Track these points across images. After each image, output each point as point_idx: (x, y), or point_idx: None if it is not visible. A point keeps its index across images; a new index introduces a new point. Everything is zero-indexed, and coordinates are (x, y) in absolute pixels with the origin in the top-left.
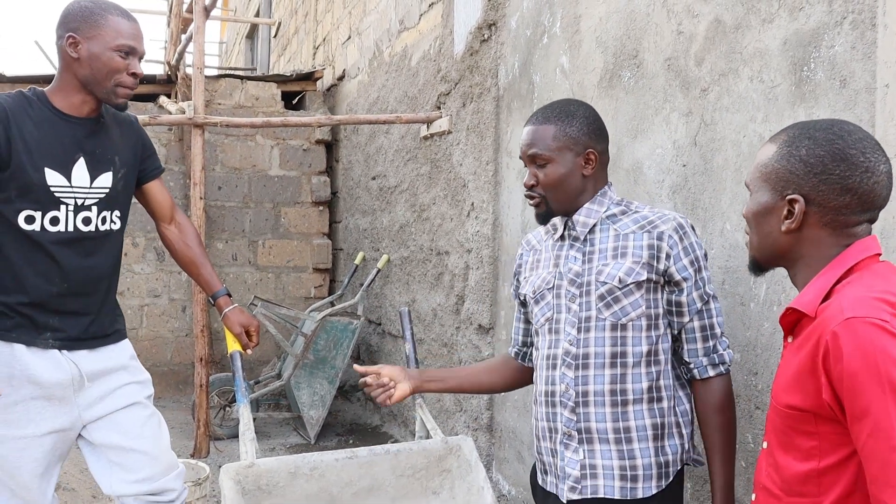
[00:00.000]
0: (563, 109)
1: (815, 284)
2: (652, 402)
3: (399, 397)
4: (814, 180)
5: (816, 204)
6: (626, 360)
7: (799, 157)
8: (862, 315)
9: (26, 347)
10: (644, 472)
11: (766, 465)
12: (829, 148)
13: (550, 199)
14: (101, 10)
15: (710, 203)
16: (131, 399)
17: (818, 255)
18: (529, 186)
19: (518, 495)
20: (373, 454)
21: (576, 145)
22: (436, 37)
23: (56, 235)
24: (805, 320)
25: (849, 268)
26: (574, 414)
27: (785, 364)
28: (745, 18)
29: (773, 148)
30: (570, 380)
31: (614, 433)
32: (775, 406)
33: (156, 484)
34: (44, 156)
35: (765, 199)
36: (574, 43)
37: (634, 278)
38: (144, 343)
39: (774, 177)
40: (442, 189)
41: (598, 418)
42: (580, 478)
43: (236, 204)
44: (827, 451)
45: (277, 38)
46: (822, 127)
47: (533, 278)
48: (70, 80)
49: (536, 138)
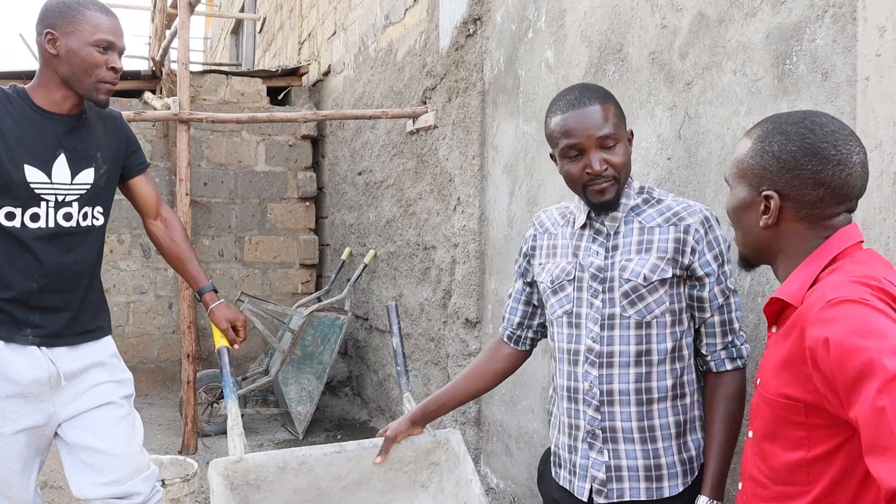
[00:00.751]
0: (602, 90)
1: (799, 274)
2: (676, 398)
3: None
4: (787, 176)
5: (791, 199)
6: (651, 359)
7: (771, 152)
8: (842, 296)
9: (5, 343)
10: (668, 471)
11: (753, 455)
12: (801, 143)
13: (622, 181)
14: (79, 6)
15: (695, 196)
16: (106, 398)
17: (798, 248)
18: (599, 173)
19: (506, 488)
20: (361, 448)
21: (624, 123)
22: (421, 32)
23: (36, 232)
24: (789, 310)
25: (832, 257)
26: (598, 413)
27: (770, 353)
28: (729, 12)
29: (748, 143)
30: (594, 378)
31: (639, 432)
32: (763, 395)
33: (122, 487)
34: (24, 153)
35: (742, 195)
36: (559, 37)
37: (660, 275)
38: (131, 340)
39: (750, 173)
40: (428, 184)
41: (623, 417)
42: (606, 480)
43: (222, 200)
44: (816, 441)
45: (262, 33)
46: (794, 121)
47: (550, 266)
48: (50, 77)
49: (605, 117)
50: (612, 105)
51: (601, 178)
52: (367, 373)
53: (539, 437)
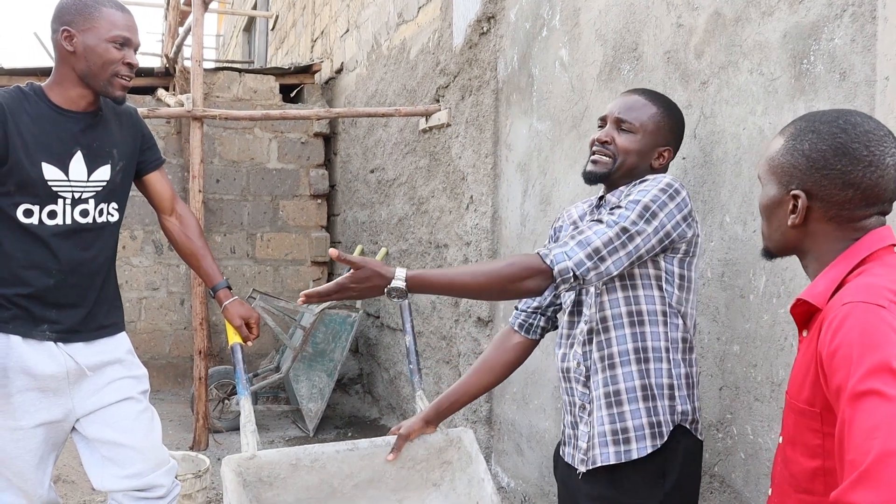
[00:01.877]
0: (669, 101)
1: (825, 276)
2: (640, 362)
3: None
4: (815, 175)
5: (819, 199)
6: (608, 325)
7: (802, 151)
8: (859, 299)
9: (23, 339)
10: (636, 433)
11: (780, 460)
12: (832, 142)
13: (617, 163)
14: (95, 3)
15: (710, 195)
16: (125, 394)
17: (826, 248)
18: (603, 142)
19: (517, 487)
20: (373, 446)
21: (661, 136)
22: (434, 30)
23: (54, 228)
24: (817, 313)
25: (861, 259)
26: (586, 388)
27: (799, 359)
28: (745, 11)
29: (780, 141)
30: (579, 355)
31: (605, 398)
32: (788, 400)
33: (144, 479)
34: (41, 151)
35: (773, 193)
36: (573, 36)
37: None
38: (143, 336)
39: (780, 170)
40: (441, 182)
41: (595, 386)
42: (587, 449)
43: (234, 197)
44: (831, 450)
45: (275, 30)
46: (828, 119)
47: None
48: (67, 74)
49: (633, 106)
50: (661, 113)
51: (601, 147)
52: (377, 370)
53: (551, 435)
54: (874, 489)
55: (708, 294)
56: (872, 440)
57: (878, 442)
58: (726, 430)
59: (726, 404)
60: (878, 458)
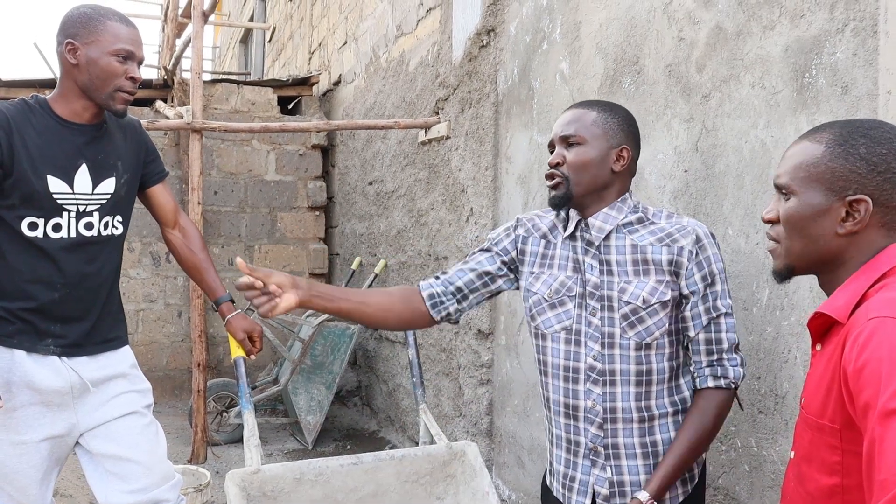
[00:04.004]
0: (608, 103)
1: (845, 290)
2: (677, 414)
3: (284, 308)
4: (878, 179)
5: (880, 204)
6: (651, 378)
7: (859, 155)
8: (886, 314)
9: (27, 354)
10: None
11: (792, 476)
12: (890, 146)
13: (573, 181)
14: (100, 16)
15: (712, 208)
16: (129, 408)
17: (863, 258)
18: (553, 165)
19: (518, 500)
20: (377, 460)
21: (612, 137)
22: (434, 42)
23: (59, 241)
24: (835, 327)
25: (882, 273)
26: (601, 430)
27: (813, 372)
28: (747, 25)
29: (818, 147)
30: (597, 396)
31: (641, 448)
32: (803, 415)
33: (150, 494)
34: (46, 163)
35: (816, 201)
36: (574, 49)
37: (658, 298)
38: (140, 348)
39: (830, 176)
40: (440, 194)
41: (626, 434)
42: (609, 496)
43: (232, 209)
44: (852, 468)
45: (272, 42)
46: (873, 126)
47: (546, 277)
48: (71, 87)
49: (573, 119)
50: (603, 115)
51: (554, 170)
52: (376, 383)
53: None
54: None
55: None
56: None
57: None
58: (730, 442)
59: (730, 417)
60: None
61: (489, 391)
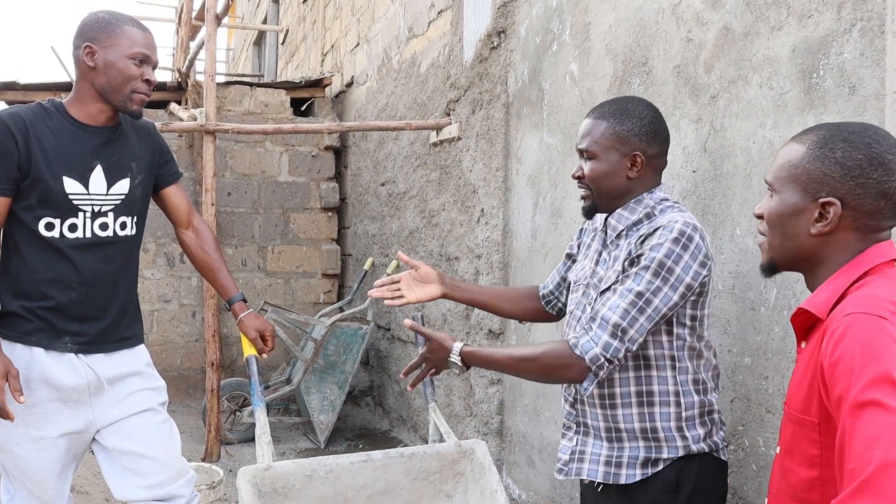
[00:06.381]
0: (620, 108)
1: (827, 287)
2: (642, 405)
3: (429, 297)
4: (850, 183)
5: (851, 208)
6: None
7: (835, 158)
8: (861, 310)
9: (45, 351)
10: (628, 462)
11: (777, 470)
12: (867, 152)
13: (595, 192)
14: (117, 21)
15: (720, 209)
16: (144, 405)
17: (841, 258)
18: (577, 178)
19: (529, 499)
20: (387, 457)
21: (623, 146)
22: (445, 44)
23: (75, 241)
24: (818, 324)
25: (863, 272)
26: (574, 409)
27: (797, 369)
28: (755, 26)
29: (801, 148)
30: None
31: (605, 432)
32: (787, 410)
33: (164, 490)
34: (62, 165)
35: (793, 201)
36: (584, 50)
37: (606, 283)
38: (154, 348)
39: (806, 177)
40: (451, 195)
41: (592, 417)
42: (568, 461)
43: (246, 210)
44: (830, 461)
45: (285, 44)
46: (856, 130)
47: (578, 266)
48: (87, 90)
49: (587, 132)
50: (612, 125)
51: (580, 182)
52: (388, 383)
53: None
54: (874, 499)
55: (719, 306)
56: (873, 450)
57: (879, 452)
58: (738, 442)
59: (738, 416)
60: (878, 469)
61: (500, 391)
